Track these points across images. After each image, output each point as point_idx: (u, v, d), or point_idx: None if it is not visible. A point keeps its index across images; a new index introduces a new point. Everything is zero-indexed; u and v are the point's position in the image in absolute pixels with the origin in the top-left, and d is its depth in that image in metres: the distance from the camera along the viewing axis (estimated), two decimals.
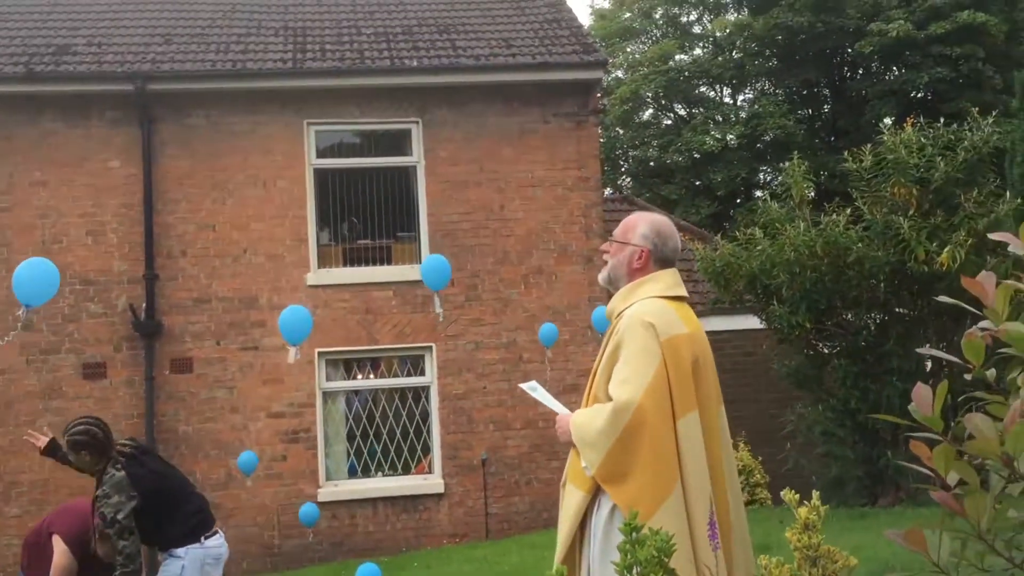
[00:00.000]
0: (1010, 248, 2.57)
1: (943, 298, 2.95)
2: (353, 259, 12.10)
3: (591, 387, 3.46)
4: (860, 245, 8.29)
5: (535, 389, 3.73)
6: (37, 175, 11.41)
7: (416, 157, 12.16)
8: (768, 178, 28.21)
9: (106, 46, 12.21)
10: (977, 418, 2.20)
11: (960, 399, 2.98)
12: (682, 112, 29.18)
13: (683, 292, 3.49)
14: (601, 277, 3.59)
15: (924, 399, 2.32)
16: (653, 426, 3.10)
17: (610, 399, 3.20)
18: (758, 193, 27.99)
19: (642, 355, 3.17)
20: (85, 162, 11.49)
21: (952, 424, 2.26)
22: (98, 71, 11.57)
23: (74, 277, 11.31)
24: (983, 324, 2.36)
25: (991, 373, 2.38)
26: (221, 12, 13.54)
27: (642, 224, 3.47)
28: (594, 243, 12.04)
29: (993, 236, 2.75)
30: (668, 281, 3.46)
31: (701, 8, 29.42)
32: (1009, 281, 2.37)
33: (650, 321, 3.22)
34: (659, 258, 3.43)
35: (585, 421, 3.26)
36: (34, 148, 11.43)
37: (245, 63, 12.02)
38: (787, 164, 9.79)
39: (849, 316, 8.97)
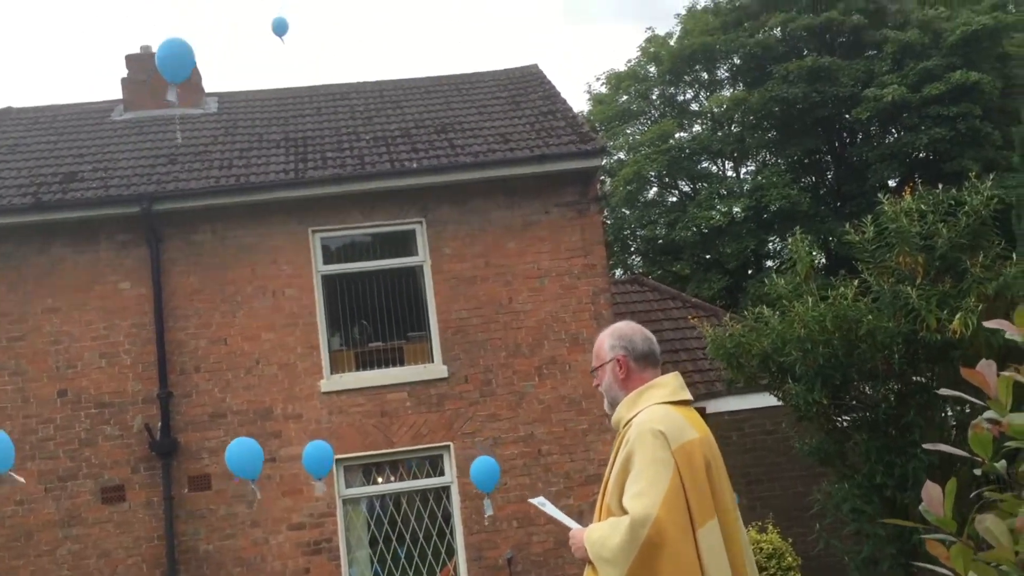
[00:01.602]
0: (1007, 335, 2.54)
1: (944, 391, 2.90)
2: (366, 362, 12.08)
3: (603, 499, 3.42)
4: (870, 317, 8.22)
5: (544, 504, 3.68)
6: (49, 302, 11.51)
7: (422, 256, 12.24)
8: (777, 247, 28.24)
9: (112, 170, 12.43)
10: (989, 520, 2.13)
11: (972, 495, 2.91)
12: (686, 188, 29.38)
13: (688, 396, 3.48)
14: (605, 408, 3.60)
15: (934, 499, 2.25)
16: (673, 540, 3.04)
17: (624, 512, 3.14)
18: (768, 263, 28.00)
19: (655, 465, 3.14)
20: (95, 285, 11.61)
21: (968, 518, 2.20)
22: (104, 196, 11.76)
23: (89, 401, 11.34)
24: (988, 415, 2.31)
25: (1002, 465, 2.32)
26: (223, 129, 13.82)
27: (606, 338, 3.56)
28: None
29: (988, 324, 2.71)
30: (672, 386, 3.45)
31: (697, 86, 29.84)
32: (1008, 373, 2.32)
33: (660, 429, 3.19)
34: (637, 357, 3.45)
35: (602, 537, 3.20)
36: (45, 276, 11.57)
37: (248, 177, 12.20)
38: (791, 239, 9.78)
39: (866, 389, 8.86)
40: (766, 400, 11.15)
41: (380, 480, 11.88)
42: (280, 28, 11.46)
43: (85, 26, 55.38)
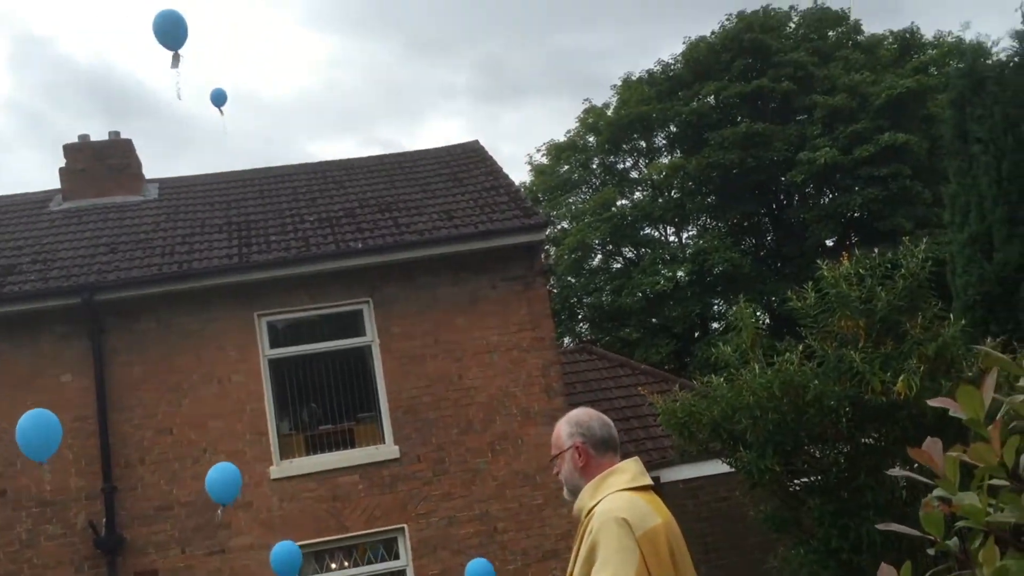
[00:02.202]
0: (951, 412, 2.59)
1: (895, 472, 2.95)
2: (316, 446, 11.92)
3: None
4: (817, 382, 8.34)
5: None
6: None
7: (370, 336, 12.18)
8: (722, 310, 28.60)
9: (51, 262, 12.25)
10: None
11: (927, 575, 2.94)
12: (630, 255, 29.74)
13: (648, 480, 3.48)
14: (565, 495, 3.58)
15: None
16: None
17: None
18: (714, 325, 28.32)
19: (620, 553, 3.12)
20: (36, 379, 11.35)
21: None
22: (44, 288, 11.57)
23: (30, 500, 11.01)
24: (938, 493, 2.34)
25: (955, 543, 2.36)
26: (165, 215, 13.72)
27: (563, 426, 3.53)
28: (556, 403, 12.01)
29: (932, 403, 2.77)
30: (633, 471, 3.45)
31: (635, 154, 30.41)
32: (954, 453, 2.37)
33: (624, 517, 3.18)
34: (595, 443, 3.45)
35: None
36: None
37: (191, 263, 12.10)
38: (735, 306, 9.92)
39: (816, 453, 8.94)
40: (719, 467, 11.18)
41: (334, 567, 11.63)
42: (219, 99, 11.47)
43: (23, 116, 55.02)
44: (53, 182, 14.87)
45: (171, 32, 7.82)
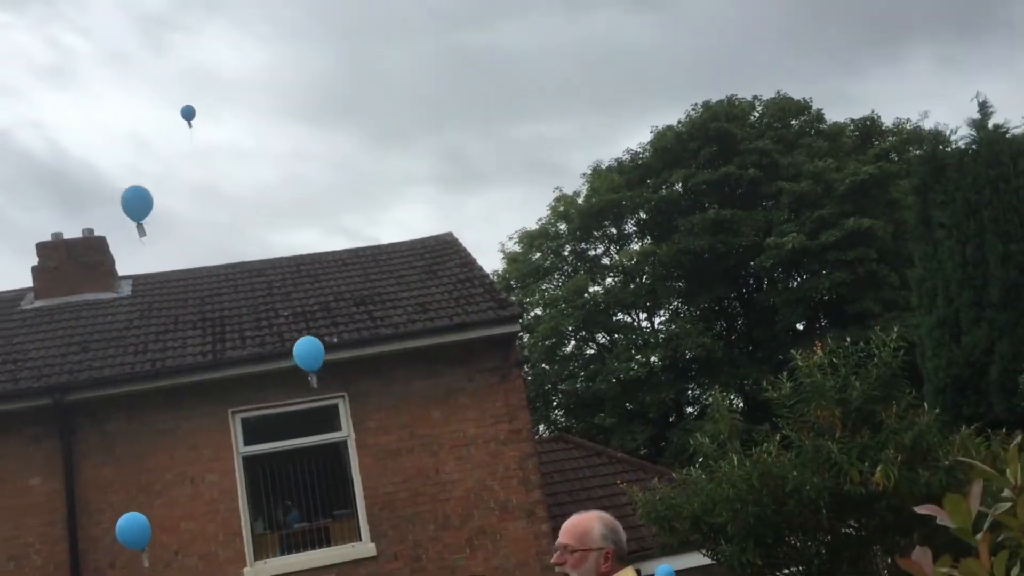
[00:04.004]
0: (938, 520, 2.62)
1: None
2: (291, 546, 11.72)
3: None
4: (795, 473, 8.35)
5: None
6: None
7: (346, 431, 12.08)
8: (696, 394, 28.66)
9: (21, 362, 12.12)
10: None
11: None
12: (603, 340, 29.83)
13: None
14: None
15: None
16: None
17: None
18: (689, 409, 28.34)
19: None
20: (3, 483, 11.12)
21: None
22: (14, 389, 11.43)
23: None
24: None
25: None
26: (138, 312, 13.65)
27: (597, 525, 3.45)
28: (534, 496, 11.92)
29: (919, 510, 2.79)
30: None
31: (606, 241, 30.74)
32: (944, 569, 2.39)
33: None
34: (621, 554, 3.44)
35: None
36: None
37: (164, 361, 12.00)
38: (711, 396, 9.96)
39: (797, 544, 8.90)
40: (700, 559, 11.07)
41: None
42: (188, 114, 11.53)
43: None
44: (13, 277, 14.71)
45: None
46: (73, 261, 14.53)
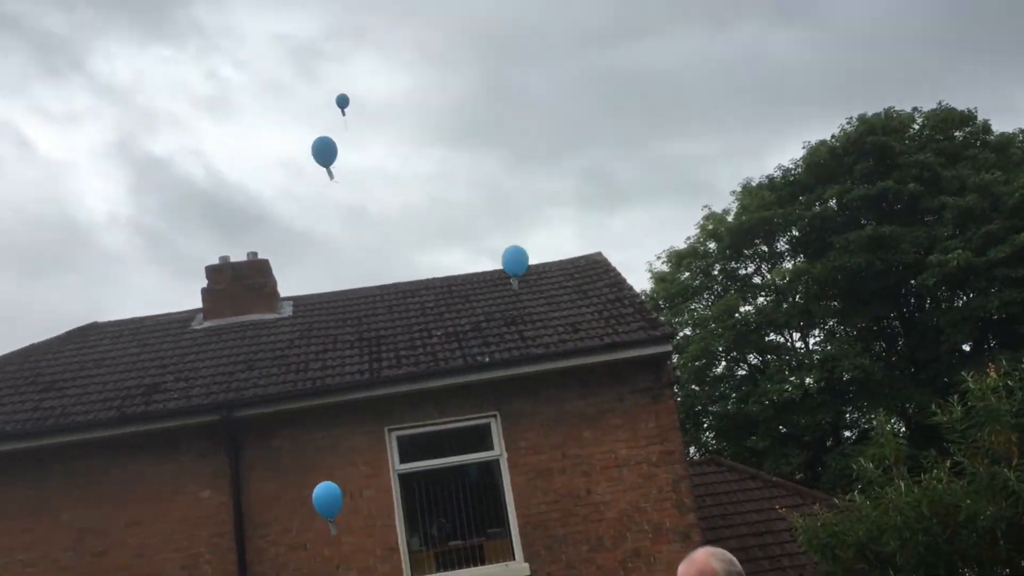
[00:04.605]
0: None
1: None
2: (446, 562, 11.86)
3: None
4: (969, 502, 7.91)
5: None
6: (131, 515, 11.60)
7: (498, 450, 12.18)
8: (855, 418, 27.63)
9: (192, 379, 12.74)
10: None
11: None
12: (755, 361, 29.14)
13: None
14: None
15: None
16: None
17: None
18: (847, 434, 27.35)
19: None
20: (177, 496, 11.70)
21: None
22: (186, 405, 12.02)
23: None
24: None
25: None
26: (299, 332, 14.17)
27: (718, 564, 3.45)
28: (688, 519, 11.73)
29: None
30: None
31: (757, 259, 30.07)
32: None
33: None
34: None
35: None
36: (127, 488, 11.70)
37: (324, 379, 12.40)
38: (875, 420, 9.57)
39: None
40: None
41: None
42: (343, 102, 11.90)
43: (144, 235, 58.18)
44: (174, 298, 15.55)
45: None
46: (239, 283, 15.24)
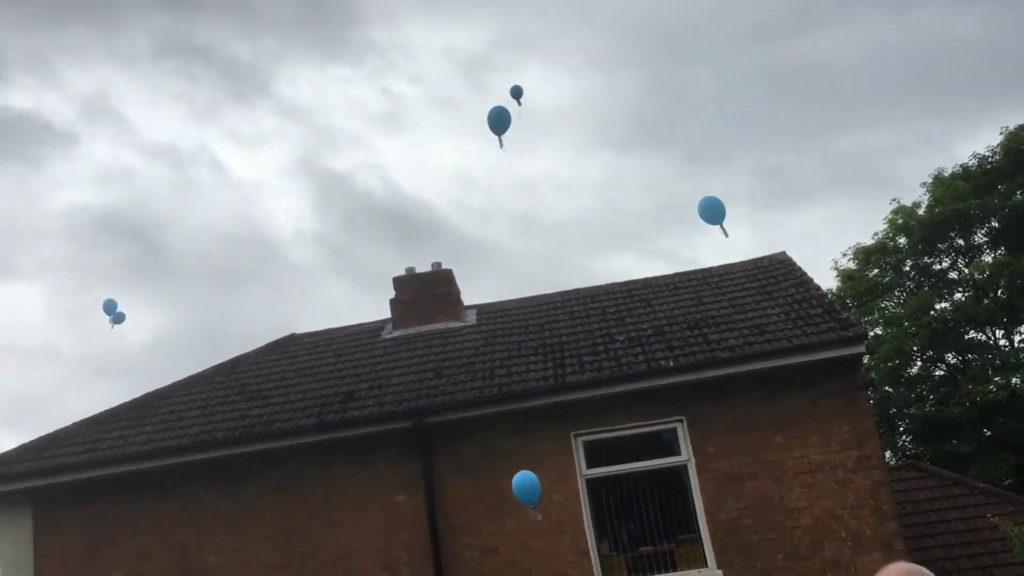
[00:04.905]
0: None
1: None
2: (637, 568, 11.80)
3: None
4: None
5: None
6: (332, 518, 12.12)
7: (685, 455, 12.04)
8: None
9: (385, 387, 13.20)
10: None
11: None
12: (954, 361, 27.61)
13: None
14: None
15: None
16: None
17: None
18: None
19: None
20: (374, 500, 12.13)
21: None
22: (380, 412, 12.45)
23: None
24: None
25: None
26: (483, 339, 14.46)
27: None
28: (890, 527, 11.24)
29: None
30: None
31: (953, 254, 28.49)
32: None
33: None
34: None
35: None
36: (328, 492, 12.23)
37: (510, 386, 12.59)
38: None
39: None
40: None
41: None
42: (516, 93, 12.13)
43: (327, 248, 60.63)
44: (357, 308, 16.12)
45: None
46: (425, 293, 15.71)
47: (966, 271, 27.71)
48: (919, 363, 27.83)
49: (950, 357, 27.65)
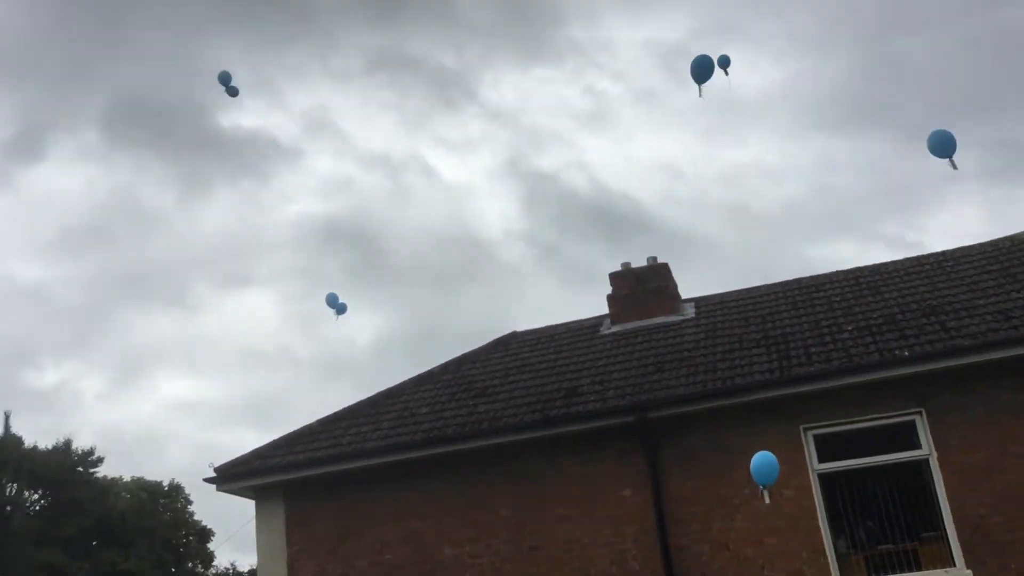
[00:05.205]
0: None
1: None
2: (877, 567, 11.33)
3: None
4: None
5: None
6: (560, 511, 12.29)
7: (926, 449, 11.44)
8: None
9: (607, 382, 13.27)
10: None
11: None
12: None
13: None
14: None
15: None
16: None
17: None
18: None
19: None
20: (600, 494, 12.20)
21: None
22: (603, 407, 12.52)
23: None
24: None
25: None
26: (703, 332, 14.28)
27: None
28: None
29: None
30: None
31: None
32: None
33: None
34: None
35: None
36: (555, 486, 12.41)
37: (733, 379, 12.37)
38: None
39: None
40: None
41: None
42: (724, 62, 12.30)
43: (536, 246, 61.36)
44: (568, 304, 16.22)
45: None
46: (641, 288, 15.69)
47: None
48: None
49: None
